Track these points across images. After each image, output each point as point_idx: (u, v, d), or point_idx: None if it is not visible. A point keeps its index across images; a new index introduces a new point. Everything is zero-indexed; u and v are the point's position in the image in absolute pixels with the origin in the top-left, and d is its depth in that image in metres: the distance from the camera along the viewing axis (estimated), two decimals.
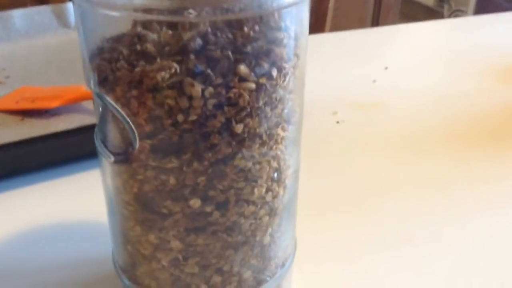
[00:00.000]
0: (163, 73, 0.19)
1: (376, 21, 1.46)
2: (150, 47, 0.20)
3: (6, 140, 0.42)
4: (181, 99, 0.19)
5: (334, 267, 0.33)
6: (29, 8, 0.65)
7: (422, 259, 0.34)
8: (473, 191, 0.41)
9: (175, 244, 0.23)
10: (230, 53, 0.19)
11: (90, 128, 0.43)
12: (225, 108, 0.20)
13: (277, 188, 0.23)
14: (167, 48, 0.20)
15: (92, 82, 0.21)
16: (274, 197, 0.23)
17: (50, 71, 0.58)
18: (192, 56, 0.19)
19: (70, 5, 0.66)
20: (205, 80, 0.19)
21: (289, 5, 0.19)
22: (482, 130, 0.49)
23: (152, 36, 0.20)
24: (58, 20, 0.66)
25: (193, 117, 0.20)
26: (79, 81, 0.54)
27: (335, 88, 0.56)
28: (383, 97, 0.56)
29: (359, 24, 1.41)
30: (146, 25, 0.20)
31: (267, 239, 0.24)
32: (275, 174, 0.23)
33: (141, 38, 0.20)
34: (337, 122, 0.51)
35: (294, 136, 0.23)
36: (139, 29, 0.20)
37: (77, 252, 0.34)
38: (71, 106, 0.50)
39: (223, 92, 0.19)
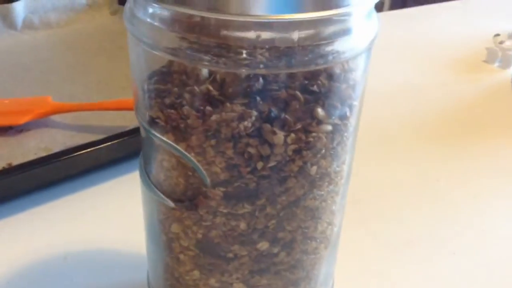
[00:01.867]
0: (245, 123, 0.18)
1: None
2: (212, 90, 0.19)
3: None
4: (262, 147, 0.18)
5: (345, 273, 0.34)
6: None
7: (424, 261, 0.35)
8: (456, 186, 0.43)
9: (238, 286, 0.22)
10: (298, 93, 0.19)
11: (77, 150, 0.41)
12: (304, 152, 0.19)
13: (334, 221, 0.23)
14: (230, 90, 0.19)
15: (156, 129, 0.20)
16: (332, 230, 0.23)
17: (3, 80, 0.53)
18: (259, 100, 0.19)
19: (16, 5, 0.60)
20: (283, 125, 0.19)
21: (362, 52, 0.19)
22: (450, 124, 0.52)
23: (204, 72, 0.19)
24: (4, 21, 0.60)
25: (272, 163, 0.19)
26: (39, 91, 0.51)
27: None
28: None
29: None
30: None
31: (322, 270, 0.24)
32: (334, 207, 0.23)
33: (191, 76, 0.19)
34: None
35: (351, 167, 0.23)
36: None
37: (89, 286, 0.32)
38: (40, 120, 0.46)
39: (303, 137, 0.19)
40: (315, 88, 0.19)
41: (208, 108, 0.18)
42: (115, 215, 0.38)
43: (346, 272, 0.34)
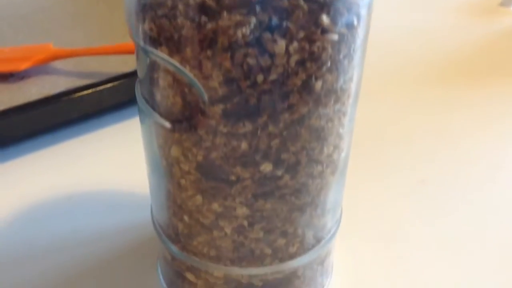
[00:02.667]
0: (243, 29, 0.17)
1: None
2: (208, 0, 0.17)
3: None
4: (262, 58, 0.17)
5: (360, 211, 0.33)
6: None
7: (437, 200, 0.35)
8: (471, 128, 0.42)
9: (242, 211, 0.21)
10: (301, 1, 0.18)
11: (78, 91, 0.40)
12: (308, 64, 0.18)
13: (342, 145, 0.22)
14: (227, 1, 0.17)
15: (148, 42, 0.19)
16: (339, 154, 0.22)
17: (2, 29, 0.52)
18: (258, 8, 0.17)
19: None
20: (285, 34, 0.17)
21: None
22: (466, 66, 0.50)
23: None
24: None
25: (273, 76, 0.18)
26: (39, 39, 0.49)
27: None
28: None
29: None
30: None
31: (329, 197, 0.23)
32: (341, 130, 0.21)
33: None
34: None
35: (358, 86, 0.22)
36: None
37: (93, 225, 0.32)
38: (41, 67, 0.45)
39: (307, 46, 0.18)
40: None
41: (204, 18, 0.17)
42: (119, 158, 0.38)
43: (355, 205, 0.33)
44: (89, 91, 0.38)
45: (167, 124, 0.20)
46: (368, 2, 0.19)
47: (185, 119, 0.19)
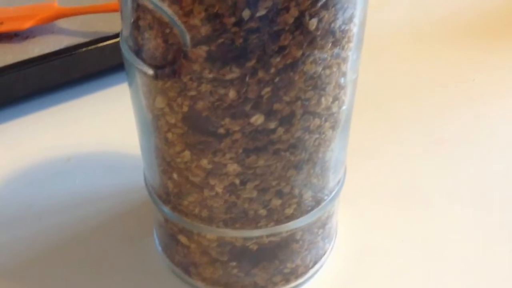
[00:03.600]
0: None
1: None
2: None
3: None
4: None
5: (368, 174, 0.32)
6: None
7: (455, 160, 0.32)
8: (497, 85, 0.39)
9: (233, 167, 0.20)
10: None
11: (79, 48, 0.38)
12: None
13: (343, 97, 0.20)
14: None
15: None
16: (339, 107, 0.20)
17: None
18: None
19: None
20: None
21: None
22: (492, 24, 0.47)
23: None
24: None
25: (261, 12, 0.16)
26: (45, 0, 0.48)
27: None
28: None
29: None
30: None
31: (329, 154, 0.21)
32: (342, 80, 0.19)
33: None
34: None
35: (362, 32, 0.20)
36: None
37: (91, 186, 0.31)
38: (44, 26, 0.44)
39: None
40: None
41: None
42: (119, 120, 0.36)
43: (363, 164, 0.31)
44: (91, 47, 0.37)
45: (150, 71, 0.18)
46: None
47: (167, 64, 0.18)
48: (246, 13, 0.16)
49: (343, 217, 0.28)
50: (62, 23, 0.45)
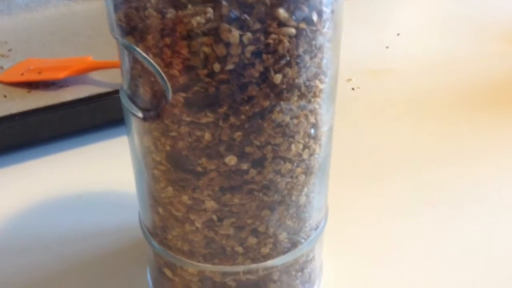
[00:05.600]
0: (198, 18, 0.18)
1: None
2: None
3: (14, 111, 0.41)
4: (217, 46, 0.18)
5: (358, 230, 0.33)
6: None
7: (442, 222, 0.33)
8: (489, 155, 0.40)
9: (210, 204, 0.22)
10: None
11: (102, 97, 0.42)
12: (264, 56, 0.18)
13: (313, 145, 0.22)
14: None
15: (118, 32, 0.20)
16: (310, 154, 0.22)
17: (53, 43, 0.57)
18: (224, 2, 0.18)
19: None
20: (242, 26, 0.18)
21: None
22: (495, 94, 0.48)
23: None
24: None
25: (230, 66, 0.18)
26: (84, 54, 0.53)
27: (349, 55, 0.55)
28: (396, 63, 0.54)
29: None
30: None
31: (303, 199, 0.23)
32: (312, 130, 0.21)
33: None
34: (352, 89, 0.50)
35: (331, 89, 0.22)
36: None
37: (98, 222, 0.34)
38: (79, 77, 0.49)
39: (262, 38, 0.18)
40: None
41: (171, 10, 0.18)
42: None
43: (355, 221, 0.33)
44: (111, 97, 0.40)
45: (140, 114, 0.21)
46: (332, 2, 0.19)
47: (153, 108, 0.20)
48: (216, 67, 0.18)
49: (328, 266, 0.29)
50: (95, 75, 0.49)
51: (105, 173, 0.38)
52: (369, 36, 0.60)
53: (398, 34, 0.61)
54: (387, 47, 0.58)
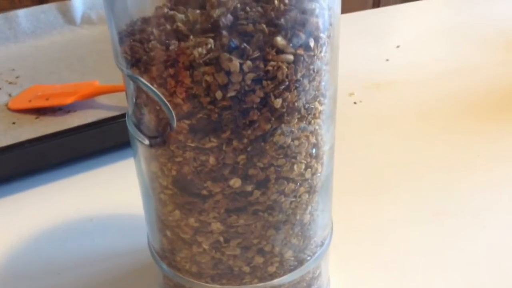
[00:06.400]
0: (199, 49, 0.18)
1: (377, 3, 1.45)
2: (181, 26, 0.19)
3: (23, 138, 0.41)
4: (219, 75, 0.19)
5: (366, 244, 0.33)
6: (34, 7, 0.65)
7: (451, 234, 0.33)
8: (496, 163, 0.40)
9: (216, 226, 0.22)
10: (264, 26, 0.19)
11: (109, 122, 0.43)
12: (264, 83, 0.19)
13: (315, 165, 0.23)
14: (198, 26, 0.19)
15: (123, 64, 0.21)
16: (313, 173, 0.23)
17: (59, 69, 0.58)
18: (224, 33, 0.19)
19: (74, 2, 0.65)
20: (242, 54, 0.19)
21: None
22: (500, 102, 0.49)
23: (180, 16, 0.19)
24: (64, 17, 0.65)
25: (231, 93, 0.19)
26: (90, 78, 0.54)
27: (350, 69, 0.56)
28: (397, 75, 0.55)
29: (362, 6, 1.40)
30: (172, 7, 0.19)
31: (307, 217, 0.24)
32: (313, 150, 0.22)
33: (168, 19, 0.20)
34: (355, 103, 0.50)
35: (331, 110, 0.22)
36: (165, 10, 0.20)
37: (109, 245, 0.34)
38: (85, 102, 0.50)
39: (261, 65, 0.19)
40: (281, 21, 0.19)
41: (174, 41, 0.19)
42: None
43: (363, 233, 0.33)
44: (118, 121, 0.41)
45: (146, 141, 0.22)
46: (328, 28, 0.20)
47: (159, 135, 0.21)
48: (218, 94, 0.19)
49: (335, 281, 0.29)
50: (102, 99, 0.50)
51: (115, 195, 0.39)
52: (369, 49, 0.61)
53: (398, 46, 0.61)
54: (387, 60, 0.58)
